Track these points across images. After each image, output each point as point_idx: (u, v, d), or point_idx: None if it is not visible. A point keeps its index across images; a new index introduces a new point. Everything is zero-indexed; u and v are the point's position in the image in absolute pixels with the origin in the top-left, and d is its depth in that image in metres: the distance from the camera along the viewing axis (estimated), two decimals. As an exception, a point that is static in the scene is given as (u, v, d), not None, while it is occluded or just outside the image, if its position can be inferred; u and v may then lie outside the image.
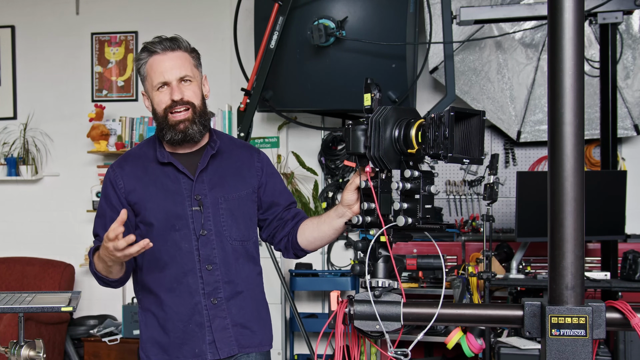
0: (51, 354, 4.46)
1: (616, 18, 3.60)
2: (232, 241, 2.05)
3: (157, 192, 2.02)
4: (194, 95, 2.01)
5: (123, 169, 2.07)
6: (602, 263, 3.80)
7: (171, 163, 2.03)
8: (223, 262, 2.03)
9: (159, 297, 2.03)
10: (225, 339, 2.02)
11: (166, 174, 2.04)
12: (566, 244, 1.23)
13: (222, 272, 2.03)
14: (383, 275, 1.42)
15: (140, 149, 2.12)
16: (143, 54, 2.01)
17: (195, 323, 2.01)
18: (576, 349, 1.22)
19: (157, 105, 2.01)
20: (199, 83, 2.05)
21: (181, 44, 2.02)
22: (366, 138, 1.44)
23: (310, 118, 4.81)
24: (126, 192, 2.03)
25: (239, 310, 2.05)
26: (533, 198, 3.46)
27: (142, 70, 2.02)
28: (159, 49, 1.99)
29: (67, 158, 5.18)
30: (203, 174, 2.04)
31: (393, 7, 4.12)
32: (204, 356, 2.00)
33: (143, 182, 2.04)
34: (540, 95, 4.42)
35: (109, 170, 2.08)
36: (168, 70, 1.98)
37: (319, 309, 4.90)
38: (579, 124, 1.22)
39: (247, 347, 2.06)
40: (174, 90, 1.98)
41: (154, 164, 2.05)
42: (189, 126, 1.99)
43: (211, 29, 4.96)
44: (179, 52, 2.01)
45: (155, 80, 1.99)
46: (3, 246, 5.15)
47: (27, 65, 5.26)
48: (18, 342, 2.06)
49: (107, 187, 2.07)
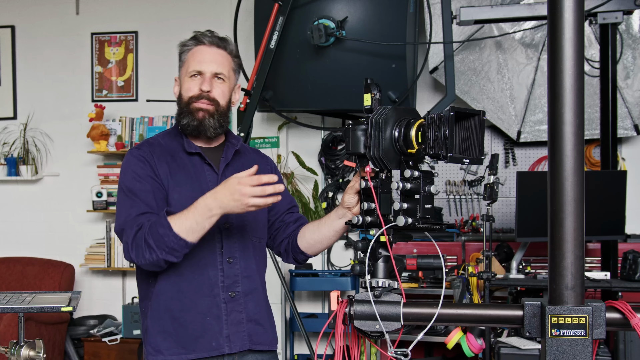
0: (51, 354, 4.46)
1: (616, 18, 3.60)
2: (252, 237, 2.06)
3: (185, 179, 2.00)
4: (222, 94, 2.03)
5: (152, 146, 2.03)
6: (602, 263, 3.80)
7: (199, 153, 2.04)
8: (243, 256, 2.03)
9: (178, 288, 1.98)
10: (238, 334, 2.00)
11: (193, 163, 2.04)
12: (566, 244, 1.23)
13: (242, 267, 2.02)
14: (383, 275, 1.42)
15: (162, 138, 2.09)
16: (190, 42, 2.05)
17: (212, 316, 1.98)
18: (576, 349, 1.22)
19: (185, 91, 2.03)
20: (231, 86, 2.07)
21: (228, 45, 2.06)
22: (366, 138, 1.44)
23: (310, 118, 4.81)
24: (157, 170, 1.98)
25: (255, 306, 2.04)
26: (533, 198, 3.46)
27: (184, 56, 2.06)
28: (207, 41, 2.03)
29: (67, 158, 5.18)
30: (227, 170, 2.05)
31: (393, 7, 4.12)
32: (221, 349, 1.98)
33: (171, 167, 2.01)
34: (540, 95, 4.42)
35: (134, 151, 2.01)
36: (207, 61, 2.01)
37: (319, 309, 4.90)
38: (579, 124, 1.22)
39: (259, 344, 2.05)
40: (205, 82, 2.00)
41: (181, 153, 2.04)
42: (206, 117, 2.00)
43: (211, 29, 4.94)
44: (224, 51, 2.05)
45: (191, 67, 2.02)
46: (3, 246, 5.15)
47: (27, 65, 5.26)
48: (18, 342, 2.06)
49: (134, 164, 1.97)
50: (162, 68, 5.07)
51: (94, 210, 4.94)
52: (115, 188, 4.92)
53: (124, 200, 1.96)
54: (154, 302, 2.01)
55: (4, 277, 4.79)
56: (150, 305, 2.02)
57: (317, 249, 2.08)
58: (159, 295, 2.00)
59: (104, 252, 4.93)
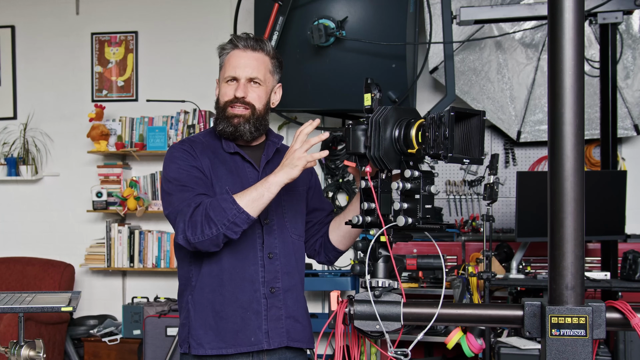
0: (51, 354, 4.46)
1: (616, 18, 3.60)
2: (292, 234, 2.08)
3: (227, 175, 2.02)
4: (258, 98, 2.04)
5: (193, 147, 2.05)
6: (602, 263, 3.80)
7: (238, 153, 2.05)
8: (283, 252, 2.04)
9: (220, 281, 1.99)
10: (277, 329, 2.01)
11: (234, 161, 2.06)
12: (566, 244, 1.23)
13: (282, 263, 2.03)
14: (383, 275, 1.42)
15: (204, 137, 2.12)
16: (228, 45, 2.07)
17: (252, 311, 1.99)
18: (576, 349, 1.22)
19: (221, 96, 2.05)
20: (268, 89, 2.08)
21: (264, 46, 2.06)
22: (366, 138, 1.44)
23: (310, 118, 4.80)
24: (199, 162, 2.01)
25: (294, 302, 2.06)
26: (533, 198, 3.46)
27: (221, 60, 2.07)
28: (242, 45, 2.04)
29: (67, 158, 5.18)
30: (267, 167, 2.06)
31: (393, 7, 4.12)
32: (260, 345, 1.99)
33: (213, 162, 2.04)
34: (540, 95, 4.42)
35: (177, 146, 2.05)
36: (241, 67, 2.02)
37: (319, 309, 4.90)
38: (579, 124, 1.22)
39: (296, 341, 2.05)
40: (239, 87, 2.01)
41: (221, 152, 2.06)
42: (242, 122, 2.01)
43: (211, 29, 4.96)
44: (260, 53, 2.05)
45: (227, 73, 2.03)
46: (3, 246, 5.15)
47: (27, 65, 5.26)
48: (18, 342, 2.06)
49: (179, 158, 2.01)
50: (162, 68, 5.07)
51: (94, 210, 4.94)
52: (115, 188, 4.93)
53: (173, 190, 1.98)
54: (196, 295, 2.03)
55: (4, 277, 4.79)
56: (193, 299, 2.04)
57: (347, 240, 2.12)
58: (202, 288, 2.02)
59: (104, 252, 4.93)
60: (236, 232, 1.86)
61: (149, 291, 4.90)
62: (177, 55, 5.06)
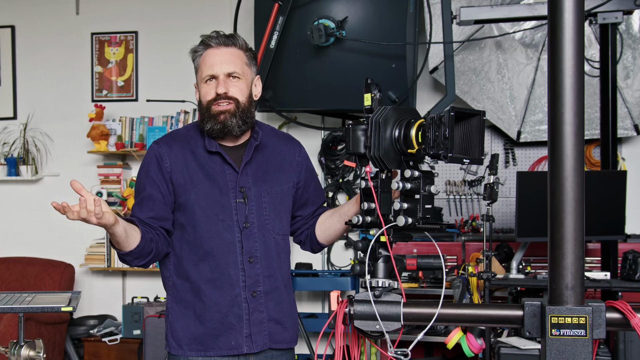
0: (51, 354, 4.46)
1: (616, 18, 3.60)
2: (275, 235, 2.07)
3: (203, 180, 2.03)
4: (240, 92, 2.03)
5: (171, 147, 2.06)
6: (602, 263, 3.80)
7: (219, 153, 2.05)
8: (264, 255, 2.04)
9: (199, 287, 2.01)
10: (260, 333, 2.03)
11: (213, 162, 2.05)
12: (566, 244, 1.23)
13: (263, 266, 2.03)
14: (383, 275, 1.42)
15: (187, 131, 2.12)
16: (199, 47, 2.07)
17: (233, 315, 2.00)
18: (576, 349, 1.22)
19: (202, 97, 2.05)
20: (248, 82, 2.07)
21: (236, 41, 2.06)
22: (366, 138, 1.44)
23: (310, 118, 4.81)
24: (171, 172, 2.03)
25: (276, 305, 2.06)
26: (533, 198, 3.46)
27: (196, 62, 2.07)
28: (214, 43, 2.04)
29: (67, 158, 5.18)
30: (247, 167, 2.06)
31: (393, 7, 4.12)
32: (240, 349, 2.00)
33: (190, 166, 2.04)
34: (540, 95, 4.42)
35: (154, 146, 2.07)
36: (217, 64, 2.02)
37: (319, 309, 4.90)
38: (579, 124, 1.22)
39: (279, 342, 2.07)
40: (219, 84, 2.01)
41: (201, 150, 2.06)
42: (228, 118, 2.01)
43: (211, 29, 4.94)
44: (233, 48, 2.05)
45: (205, 73, 2.03)
46: (3, 246, 5.15)
47: (27, 65, 5.26)
48: (18, 342, 2.06)
49: (150, 163, 2.05)
50: (162, 68, 5.07)
51: (94, 210, 4.93)
52: (115, 188, 4.94)
53: (135, 194, 2.08)
54: (178, 298, 2.05)
55: (4, 277, 4.79)
56: (174, 301, 2.06)
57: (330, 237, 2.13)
58: (184, 292, 2.04)
59: (104, 252, 4.93)
60: (129, 261, 1.97)
61: (148, 291, 4.90)
62: (177, 55, 5.05)
